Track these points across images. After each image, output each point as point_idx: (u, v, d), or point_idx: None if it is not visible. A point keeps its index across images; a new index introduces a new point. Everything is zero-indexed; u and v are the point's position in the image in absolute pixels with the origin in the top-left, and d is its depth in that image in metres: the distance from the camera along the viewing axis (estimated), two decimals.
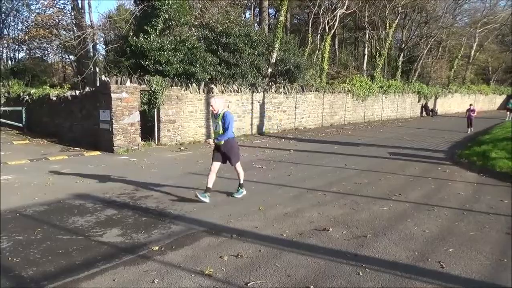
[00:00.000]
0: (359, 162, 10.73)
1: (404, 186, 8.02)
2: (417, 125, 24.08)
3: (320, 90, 21.31)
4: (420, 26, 36.71)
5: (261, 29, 22.01)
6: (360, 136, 17.41)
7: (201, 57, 15.13)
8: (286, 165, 10.14)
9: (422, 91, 32.42)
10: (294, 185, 7.91)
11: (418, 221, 5.75)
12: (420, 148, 13.73)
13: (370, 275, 4.07)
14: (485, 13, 41.96)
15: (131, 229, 5.29)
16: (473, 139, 15.61)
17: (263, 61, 18.43)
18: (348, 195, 7.18)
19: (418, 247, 4.79)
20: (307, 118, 20.57)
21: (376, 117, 27.17)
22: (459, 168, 10.21)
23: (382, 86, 27.40)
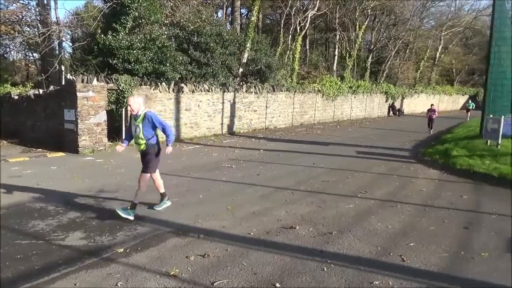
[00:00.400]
0: (327, 161, 10.91)
1: (370, 184, 8.22)
2: (384, 124, 24.73)
3: (291, 90, 21.52)
4: (389, 28, 37.73)
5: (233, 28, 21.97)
6: (329, 135, 17.70)
7: (172, 56, 14.96)
8: (256, 164, 10.18)
9: (389, 91, 33.33)
10: (263, 184, 7.96)
11: (382, 218, 5.92)
12: (387, 147, 14.10)
13: (334, 271, 4.16)
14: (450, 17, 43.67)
15: (94, 232, 5.17)
16: (437, 138, 16.19)
17: (234, 61, 18.41)
18: (315, 193, 7.29)
19: (381, 242, 4.93)
20: (278, 117, 20.72)
21: (345, 116, 27.70)
22: (422, 166, 10.57)
23: (351, 86, 27.97)
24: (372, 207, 6.51)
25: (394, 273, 4.12)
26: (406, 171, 9.70)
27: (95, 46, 14.41)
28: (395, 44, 37.33)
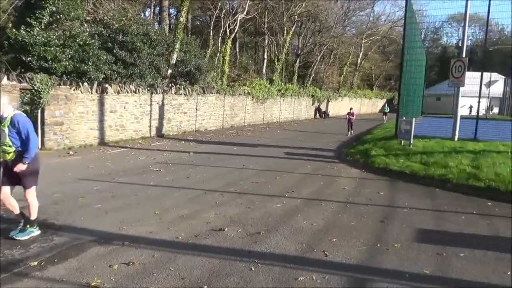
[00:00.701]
0: (257, 162, 11.10)
1: (297, 183, 8.53)
2: (311, 126, 25.81)
3: (221, 92, 21.56)
4: (314, 34, 39.49)
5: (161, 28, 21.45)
6: (259, 137, 18.03)
7: (94, 54, 14.17)
8: (185, 167, 10.04)
9: (316, 95, 34.90)
10: (192, 187, 7.87)
11: (307, 216, 6.16)
12: (313, 147, 14.73)
13: (261, 270, 4.24)
14: (369, 26, 47.01)
15: (3, 245, 4.72)
16: (358, 139, 17.28)
17: (163, 62, 17.98)
18: (245, 195, 7.38)
19: (306, 240, 5.14)
20: (208, 119, 20.64)
21: (274, 119, 28.41)
22: (345, 165, 11.21)
23: (280, 90, 28.79)
24: (298, 206, 6.75)
25: (317, 268, 4.31)
26: (330, 171, 10.21)
27: (5, 41, 13.15)
28: (320, 49, 39.19)
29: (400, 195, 7.75)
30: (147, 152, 12.32)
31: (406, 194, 7.81)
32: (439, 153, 10.74)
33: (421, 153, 10.88)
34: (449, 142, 12.45)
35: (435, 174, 8.95)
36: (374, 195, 7.63)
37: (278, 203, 6.84)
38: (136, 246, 4.79)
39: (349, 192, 7.91)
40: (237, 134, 19.25)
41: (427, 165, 9.74)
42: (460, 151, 10.86)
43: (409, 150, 11.59)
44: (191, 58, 19.84)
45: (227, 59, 25.23)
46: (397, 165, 10.02)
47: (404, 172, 9.51)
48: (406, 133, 12.37)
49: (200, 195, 7.28)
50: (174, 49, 18.93)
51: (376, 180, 9.23)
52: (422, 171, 9.30)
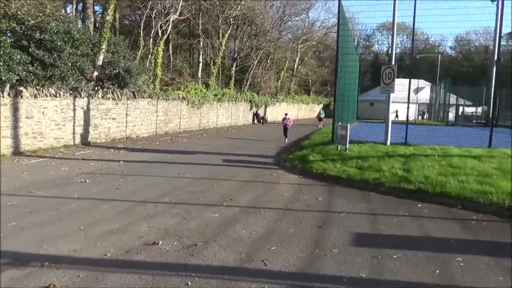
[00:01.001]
0: (193, 170, 10.98)
1: (235, 191, 8.56)
2: (249, 132, 26.11)
3: (154, 97, 21.06)
4: (251, 38, 40.15)
5: (85, 27, 20.46)
6: (195, 144, 17.86)
7: (6, 53, 13.12)
8: (115, 177, 9.63)
9: (253, 100, 35.42)
10: (122, 198, 7.57)
11: (246, 224, 6.21)
12: (252, 154, 14.90)
13: (198, 283, 4.19)
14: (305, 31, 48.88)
15: None
16: (296, 145, 17.80)
17: (87, 63, 17.13)
18: (180, 205, 7.26)
19: (244, 249, 5.17)
20: (140, 126, 20.03)
21: (211, 124, 28.33)
22: (284, 171, 11.48)
23: (216, 94, 28.80)
24: (237, 214, 6.77)
25: (256, 278, 4.35)
26: (269, 177, 10.39)
27: None
28: (257, 54, 39.91)
29: (337, 200, 8.09)
30: (70, 162, 11.64)
31: (343, 198, 8.18)
32: (373, 158, 11.40)
33: (356, 158, 11.48)
34: (382, 147, 13.27)
35: (370, 178, 9.49)
36: (312, 201, 7.89)
37: (216, 213, 6.81)
38: (58, 266, 4.49)
39: (288, 198, 8.10)
40: (172, 141, 18.90)
41: (362, 169, 10.30)
42: (392, 155, 11.63)
43: (345, 155, 12.17)
44: (120, 60, 19.15)
45: (160, 62, 24.71)
46: (334, 170, 10.47)
47: (341, 177, 9.96)
48: (342, 138, 12.97)
49: (131, 207, 7.02)
50: (101, 49, 18.14)
51: (314, 185, 9.56)
52: (358, 175, 9.81)
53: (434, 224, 6.54)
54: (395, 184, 8.89)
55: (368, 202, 7.94)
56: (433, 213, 7.23)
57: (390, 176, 9.40)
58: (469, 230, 6.26)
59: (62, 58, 15.33)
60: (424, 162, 10.39)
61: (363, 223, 6.49)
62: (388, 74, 13.95)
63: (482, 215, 7.05)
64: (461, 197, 7.80)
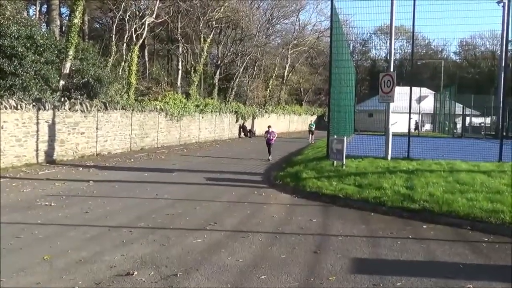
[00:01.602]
0: (173, 190, 10.93)
1: (220, 213, 8.53)
2: (235, 146, 26.13)
3: (128, 108, 21.01)
4: (235, 42, 40.56)
5: (50, 31, 20.45)
6: (175, 160, 17.80)
7: None
8: (84, 199, 9.53)
9: (239, 111, 35.55)
10: (93, 223, 7.49)
11: (232, 251, 6.18)
12: (238, 171, 14.90)
13: None
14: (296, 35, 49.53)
15: None
16: (288, 160, 17.86)
17: (53, 71, 17.09)
18: (158, 230, 7.20)
19: (231, 279, 5.14)
20: (112, 141, 19.91)
21: (193, 139, 28.30)
22: (274, 190, 11.49)
23: (198, 105, 28.86)
24: (222, 239, 6.74)
25: None
26: (257, 197, 10.39)
27: None
28: (243, 60, 40.26)
29: (334, 221, 8.12)
30: (33, 183, 11.49)
31: (340, 220, 8.21)
32: (373, 174, 11.51)
33: (354, 175, 11.56)
34: (382, 162, 13.41)
35: (370, 196, 9.56)
36: (306, 223, 7.91)
37: (198, 238, 6.77)
38: None
39: (279, 220, 8.10)
40: (149, 157, 18.82)
41: (361, 187, 10.37)
42: (394, 171, 11.75)
43: (342, 171, 12.25)
44: (89, 68, 19.15)
45: (134, 69, 24.76)
46: (330, 188, 10.52)
47: (337, 195, 10.01)
48: (338, 152, 13.08)
49: (102, 233, 6.95)
50: (67, 56, 18.13)
51: (308, 205, 9.59)
52: (356, 194, 9.88)
53: (441, 247, 6.60)
54: (398, 203, 8.96)
55: (368, 224, 7.98)
56: (440, 234, 7.30)
57: (391, 194, 9.49)
58: (480, 254, 6.33)
59: (24, 66, 15.25)
60: (429, 179, 10.52)
61: (362, 247, 6.51)
62: (387, 82, 14.18)
63: (494, 237, 7.14)
64: (470, 216, 7.90)
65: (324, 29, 49.75)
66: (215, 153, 21.90)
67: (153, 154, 20.06)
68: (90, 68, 19.15)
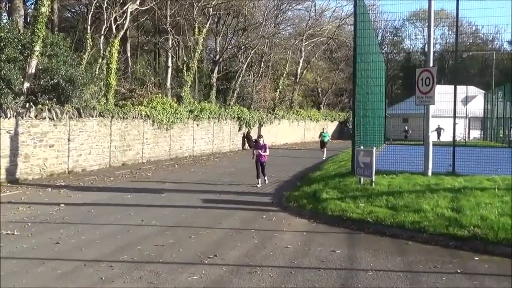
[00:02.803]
0: (162, 216, 10.96)
1: (221, 243, 8.54)
2: (238, 161, 26.15)
3: (107, 115, 21.14)
4: (237, 33, 40.84)
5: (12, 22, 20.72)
6: (164, 179, 17.83)
7: None
8: (54, 227, 9.59)
9: (243, 117, 35.67)
10: (65, 257, 7.54)
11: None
12: (243, 191, 14.91)
13: None
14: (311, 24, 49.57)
15: None
16: (304, 177, 17.86)
17: (15, 71, 17.29)
18: (145, 264, 7.21)
19: None
20: (87, 155, 20.02)
21: (186, 151, 28.39)
22: (287, 214, 11.49)
23: (192, 110, 29.00)
24: (224, 276, 6.75)
25: None
26: (267, 223, 10.39)
27: None
28: (246, 54, 40.41)
29: (362, 252, 8.08)
30: None
31: (370, 250, 8.17)
32: (410, 193, 11.47)
33: (386, 194, 11.54)
34: (421, 178, 13.36)
35: (406, 221, 9.52)
36: (328, 255, 7.87)
37: (195, 274, 6.78)
38: None
39: (294, 252, 8.08)
40: (132, 175, 18.88)
41: (395, 209, 10.34)
42: (436, 189, 11.70)
43: (371, 190, 12.22)
44: (60, 66, 19.33)
45: (114, 68, 24.95)
46: (356, 212, 10.50)
47: (366, 220, 9.98)
48: (366, 167, 13.06)
49: (77, 268, 6.97)
50: (33, 52, 18.32)
51: (330, 233, 9.56)
52: (390, 218, 9.84)
53: (498, 284, 6.55)
54: (442, 229, 8.91)
55: (405, 255, 7.94)
56: (495, 269, 7.24)
57: (434, 218, 9.45)
58: None
59: None
60: (480, 199, 10.46)
61: (399, 285, 6.48)
62: (426, 80, 14.18)
63: None
64: None
65: (346, 15, 49.92)
66: (213, 169, 21.93)
67: (138, 171, 20.13)
68: (60, 66, 19.31)
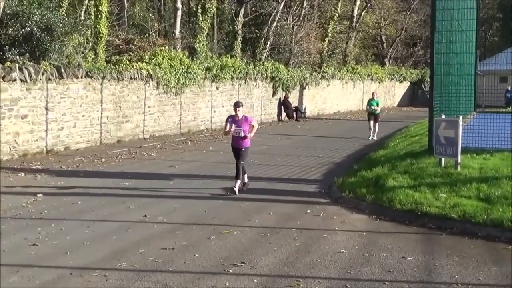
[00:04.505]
0: (171, 210, 11.04)
1: (250, 247, 8.54)
2: (272, 136, 26.02)
3: (96, 76, 21.19)
4: None
5: None
6: (173, 160, 17.89)
7: None
8: (29, 225, 9.74)
9: (279, 77, 35.31)
10: (45, 263, 7.62)
11: None
12: (279, 177, 14.90)
13: None
14: None
15: None
16: (362, 157, 17.71)
17: None
18: (150, 273, 7.26)
19: None
20: (72, 129, 20.17)
21: (202, 124, 28.41)
22: (340, 208, 11.44)
23: (210, 68, 28.84)
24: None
25: None
26: (312, 220, 10.37)
27: None
28: None
29: (443, 260, 7.98)
30: None
31: (454, 257, 8.07)
32: (511, 180, 11.27)
33: (477, 181, 11.36)
34: None
35: (505, 218, 9.36)
36: (396, 263, 7.81)
37: (216, 286, 6.82)
38: None
39: (350, 259, 8.03)
40: (131, 155, 19.00)
41: (489, 202, 10.19)
42: None
43: (455, 175, 12.05)
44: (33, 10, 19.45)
45: (105, 11, 24.94)
46: (435, 205, 10.37)
47: (448, 216, 9.85)
48: (448, 144, 12.84)
49: (61, 278, 7.05)
50: None
51: (399, 233, 9.47)
52: (482, 213, 9.68)
53: None
54: None
55: (503, 264, 7.81)
56: None
57: None
58: None
59: None
60: None
61: None
62: None
63: None
64: None
65: None
66: None
67: (138, 150, 20.22)
68: (34, 10, 19.43)
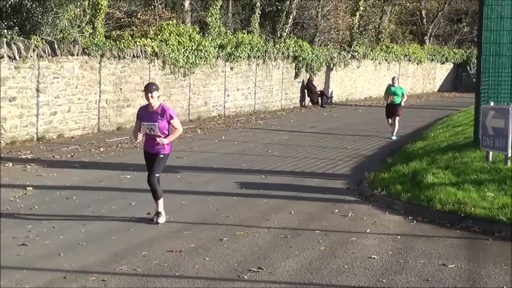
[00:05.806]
0: (178, 207, 11.11)
1: (268, 250, 8.55)
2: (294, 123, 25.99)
3: (94, 53, 21.26)
4: None
5: None
6: (180, 151, 17.93)
7: None
8: (18, 222, 9.81)
9: (302, 56, 35.16)
10: (36, 265, 7.66)
11: None
12: (302, 171, 14.90)
13: None
14: None
15: None
16: (397, 149, 17.64)
17: None
18: (154, 279, 7.28)
19: None
20: (66, 114, 20.25)
21: (213, 109, 28.41)
22: (371, 207, 11.44)
23: (223, 46, 28.82)
24: None
25: None
26: (339, 221, 10.37)
27: None
28: None
29: (490, 268, 7.94)
30: None
31: (502, 265, 8.03)
32: None
33: None
34: None
35: None
36: (435, 271, 7.79)
37: None
38: None
39: (382, 265, 8.03)
40: (133, 144, 19.09)
41: None
42: None
43: (505, 171, 11.98)
44: None
45: None
46: (482, 205, 10.32)
47: (497, 218, 9.81)
48: (498, 135, 12.77)
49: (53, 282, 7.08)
50: None
51: (439, 237, 9.44)
52: None
53: None
54: None
55: None
56: None
57: None
58: None
59: None
60: None
61: None
62: None
63: None
64: None
65: None
66: (255, 135, 21.91)
67: None
68: None
